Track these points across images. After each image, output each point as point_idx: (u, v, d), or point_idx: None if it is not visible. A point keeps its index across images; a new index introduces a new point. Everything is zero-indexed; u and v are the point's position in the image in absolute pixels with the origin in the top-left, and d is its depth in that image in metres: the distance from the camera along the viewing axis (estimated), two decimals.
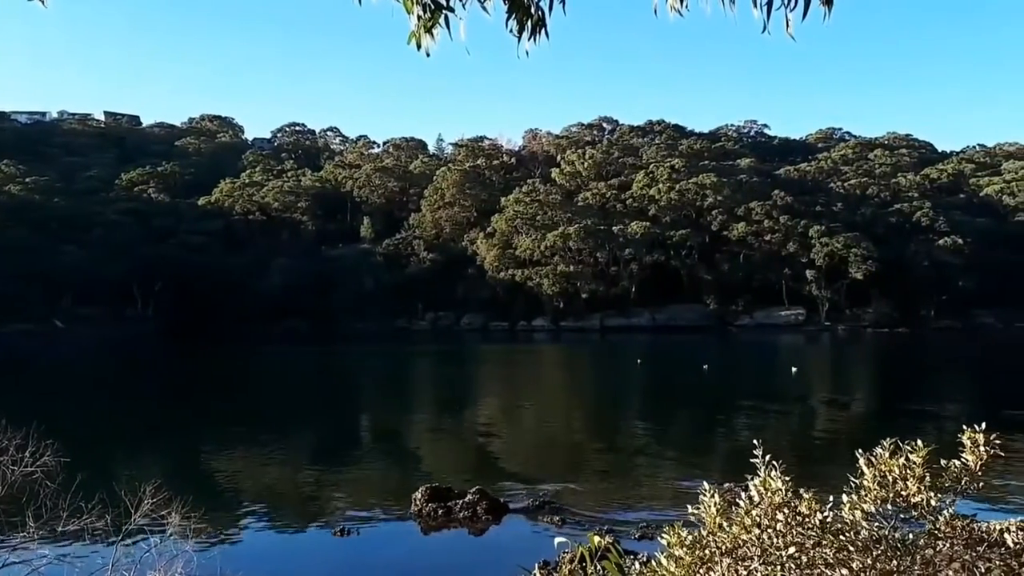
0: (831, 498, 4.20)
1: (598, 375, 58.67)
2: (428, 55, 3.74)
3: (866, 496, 4.11)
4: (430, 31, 3.67)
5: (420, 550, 16.18)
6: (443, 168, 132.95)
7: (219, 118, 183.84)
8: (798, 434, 29.74)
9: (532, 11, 3.72)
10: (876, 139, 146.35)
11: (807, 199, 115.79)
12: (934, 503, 4.06)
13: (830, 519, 3.99)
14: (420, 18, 3.65)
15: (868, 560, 3.87)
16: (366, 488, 21.43)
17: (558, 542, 4.91)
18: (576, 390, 48.69)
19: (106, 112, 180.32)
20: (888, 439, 4.27)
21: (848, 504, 4.15)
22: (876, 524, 4.07)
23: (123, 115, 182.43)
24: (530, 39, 3.77)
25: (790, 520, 3.94)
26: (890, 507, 4.12)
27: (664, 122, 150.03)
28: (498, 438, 30.28)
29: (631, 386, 50.16)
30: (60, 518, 8.76)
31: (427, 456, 27.00)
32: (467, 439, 30.06)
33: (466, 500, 17.60)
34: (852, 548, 3.90)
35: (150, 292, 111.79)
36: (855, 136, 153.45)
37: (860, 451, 4.32)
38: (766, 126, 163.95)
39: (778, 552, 3.87)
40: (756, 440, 4.32)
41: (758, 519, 3.98)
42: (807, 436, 29.45)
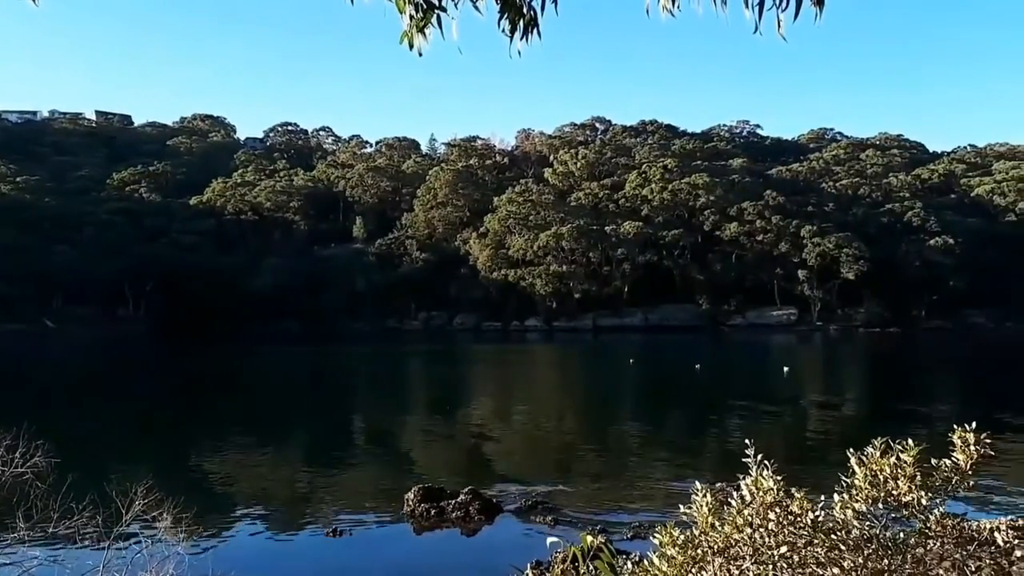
0: (823, 497, 4.21)
1: (590, 375, 58.72)
2: (420, 55, 3.74)
3: (857, 495, 4.13)
4: (422, 31, 3.67)
5: (413, 550, 16.16)
6: (436, 168, 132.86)
7: (211, 117, 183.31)
8: (790, 434, 29.83)
9: (524, 11, 3.72)
10: (868, 139, 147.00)
11: (799, 199, 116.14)
12: (925, 502, 4.07)
13: (821, 518, 4.01)
14: (412, 18, 3.65)
15: (859, 559, 3.89)
16: (359, 488, 21.38)
17: (550, 542, 4.91)
18: (569, 390, 48.71)
19: (97, 111, 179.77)
20: (879, 438, 4.29)
21: (839, 503, 4.16)
22: (867, 523, 4.09)
23: (114, 114, 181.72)
24: (522, 39, 3.77)
25: (782, 519, 3.95)
26: (881, 506, 4.13)
27: (657, 122, 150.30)
28: (491, 438, 30.26)
29: (623, 386, 50.21)
30: (51, 519, 8.72)
31: (419, 456, 26.96)
32: (460, 439, 30.03)
33: (459, 500, 17.59)
34: (843, 547, 3.92)
35: (141, 292, 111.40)
36: (847, 136, 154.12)
37: (851, 450, 4.34)
38: (758, 126, 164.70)
39: (770, 551, 3.88)
40: (748, 440, 4.33)
41: (750, 518, 3.99)
42: (799, 436, 29.53)
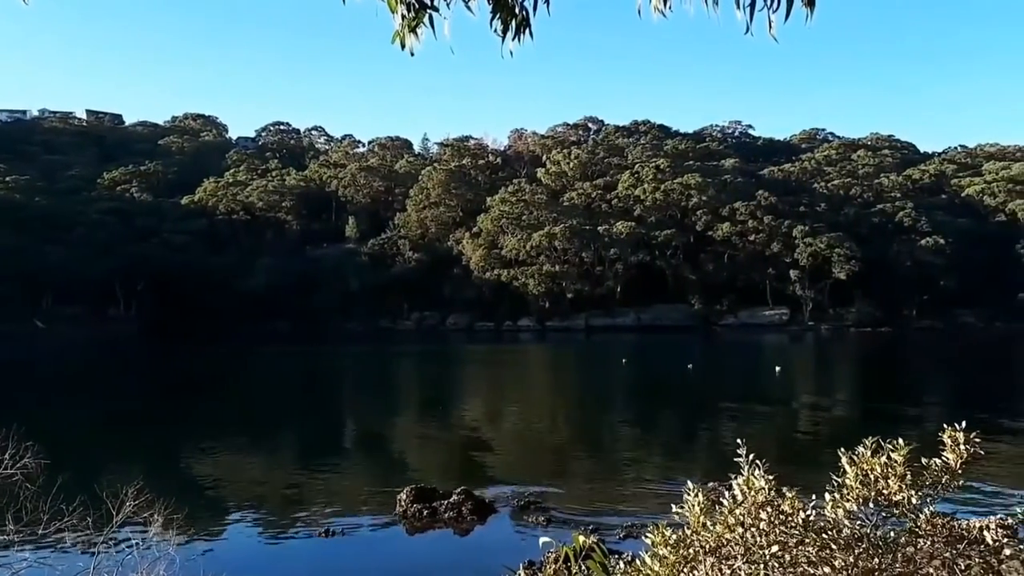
0: (814, 497, 4.23)
1: (583, 375, 58.75)
2: (412, 54, 3.74)
3: (848, 495, 4.14)
4: (414, 30, 3.66)
5: (405, 551, 16.14)
6: (428, 168, 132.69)
7: (203, 117, 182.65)
8: (781, 433, 29.91)
9: (516, 11, 3.72)
10: (859, 140, 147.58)
11: (791, 199, 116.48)
12: (915, 501, 4.09)
13: (813, 518, 4.02)
14: (404, 17, 3.64)
15: (850, 558, 3.90)
16: (351, 489, 21.34)
17: (543, 542, 4.91)
18: (561, 390, 48.73)
19: (88, 110, 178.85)
20: (870, 438, 4.31)
21: (830, 503, 4.18)
22: (858, 522, 4.10)
23: (105, 113, 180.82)
24: (514, 39, 3.76)
25: (773, 519, 3.96)
26: (872, 505, 4.15)
27: (649, 122, 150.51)
28: (483, 439, 30.25)
29: (616, 386, 50.26)
30: (41, 521, 8.67)
31: (412, 457, 26.93)
32: (452, 440, 30.01)
33: (451, 501, 17.58)
34: (834, 546, 3.93)
35: (132, 292, 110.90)
36: (838, 137, 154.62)
37: (842, 450, 4.35)
38: (750, 127, 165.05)
39: (761, 551, 3.89)
40: (740, 439, 4.34)
41: (741, 518, 4.00)
42: (790, 435, 29.62)
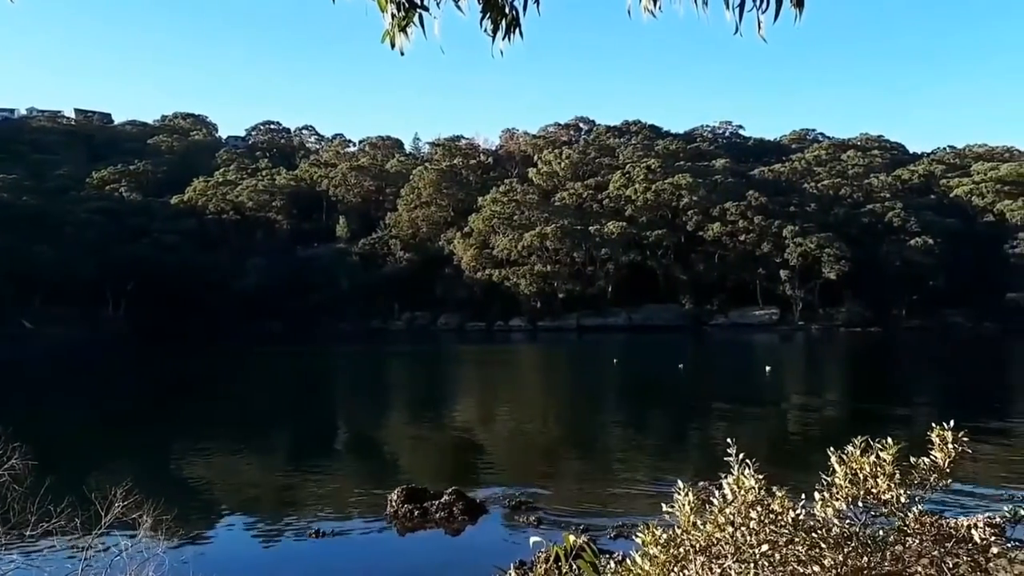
0: (803, 496, 4.24)
1: (574, 375, 58.79)
2: (403, 54, 3.73)
3: (838, 494, 4.16)
4: (404, 30, 3.65)
5: (396, 551, 16.11)
6: (420, 167, 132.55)
7: (192, 116, 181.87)
8: (771, 433, 30.00)
9: (506, 11, 3.71)
10: (849, 140, 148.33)
11: (781, 199, 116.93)
12: (904, 500, 4.11)
13: (802, 517, 4.03)
14: (394, 17, 3.63)
15: (839, 557, 3.92)
16: (341, 489, 21.28)
17: (533, 541, 4.92)
18: (552, 390, 48.75)
19: (76, 109, 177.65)
20: (859, 437, 4.33)
21: (820, 502, 4.19)
22: (847, 521, 4.12)
23: (94, 112, 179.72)
24: (504, 38, 3.76)
25: (763, 518, 3.98)
26: (861, 504, 4.17)
27: (640, 122, 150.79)
28: (474, 438, 30.24)
29: (607, 386, 50.32)
30: (28, 522, 8.61)
31: (403, 457, 26.90)
32: (443, 440, 29.97)
33: (442, 501, 17.55)
34: (824, 545, 3.95)
35: (122, 292, 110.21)
36: (828, 137, 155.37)
37: (832, 449, 4.37)
38: (741, 127, 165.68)
39: (751, 550, 3.90)
40: (730, 439, 4.35)
41: (731, 517, 4.01)
42: (780, 435, 29.71)
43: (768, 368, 52.13)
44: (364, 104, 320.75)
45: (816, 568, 3.89)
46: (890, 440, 4.23)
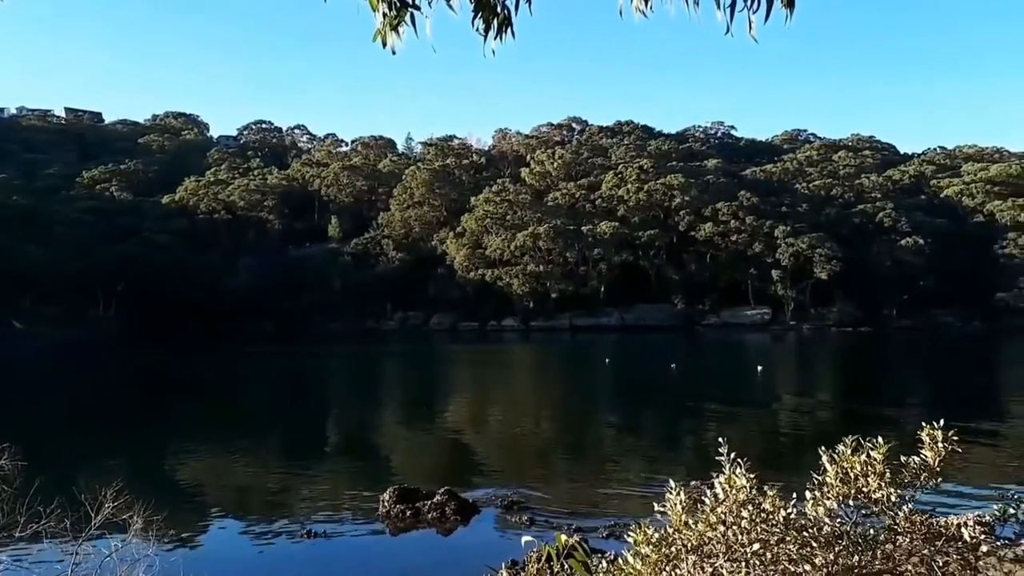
0: (795, 495, 4.25)
1: (567, 375, 58.83)
2: (394, 53, 3.72)
3: (829, 493, 4.17)
4: (396, 29, 3.65)
5: (388, 551, 16.09)
6: (412, 167, 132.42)
7: (184, 115, 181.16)
8: (763, 432, 30.08)
9: (498, 10, 3.71)
10: (840, 141, 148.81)
11: (773, 200, 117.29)
12: (894, 499, 4.13)
13: (794, 515, 4.04)
14: (386, 16, 3.62)
15: (830, 555, 3.93)
16: (333, 490, 21.24)
17: (525, 541, 4.91)
18: (545, 390, 48.77)
19: (67, 108, 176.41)
20: (850, 436, 4.34)
21: (811, 501, 4.21)
22: (838, 520, 4.14)
23: (84, 111, 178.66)
24: (496, 38, 3.76)
25: (754, 517, 3.98)
26: (852, 503, 4.18)
27: (633, 123, 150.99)
28: (466, 438, 30.23)
29: (600, 386, 50.38)
30: (17, 524, 8.55)
31: (395, 457, 26.86)
32: (435, 440, 29.96)
33: (434, 501, 17.53)
34: (815, 544, 3.96)
35: (113, 292, 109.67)
36: (820, 138, 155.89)
37: (823, 448, 4.38)
38: (733, 127, 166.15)
39: (743, 549, 3.90)
40: (721, 438, 4.36)
41: (723, 516, 4.02)
42: (772, 434, 29.79)
43: (760, 368, 52.26)
44: (356, 104, 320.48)
45: (807, 567, 3.90)
46: (880, 439, 4.24)
